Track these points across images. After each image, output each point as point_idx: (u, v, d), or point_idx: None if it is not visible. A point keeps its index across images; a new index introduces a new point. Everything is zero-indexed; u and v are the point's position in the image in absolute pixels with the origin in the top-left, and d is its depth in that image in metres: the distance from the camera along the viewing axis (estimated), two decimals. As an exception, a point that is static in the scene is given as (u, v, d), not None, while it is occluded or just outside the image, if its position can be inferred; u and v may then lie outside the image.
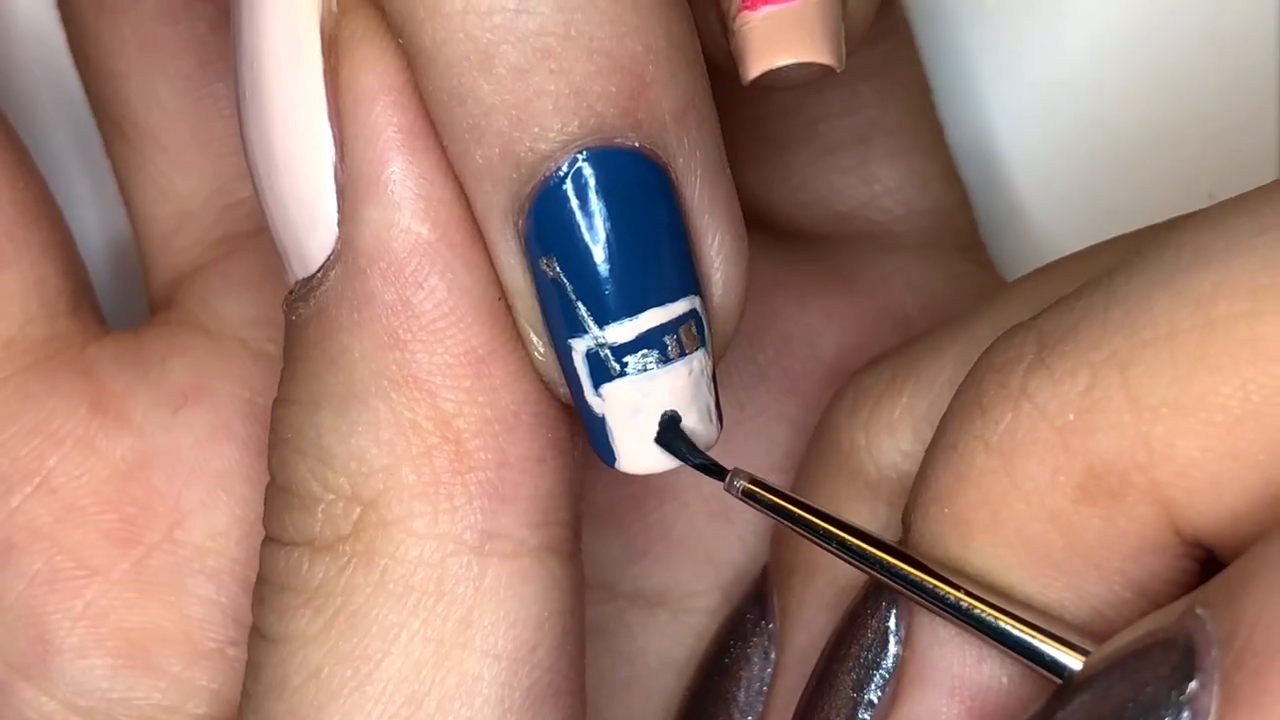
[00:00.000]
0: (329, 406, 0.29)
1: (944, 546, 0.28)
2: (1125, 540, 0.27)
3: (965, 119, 0.40)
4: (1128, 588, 0.27)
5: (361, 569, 0.29)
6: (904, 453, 0.31)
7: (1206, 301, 0.26)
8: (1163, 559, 0.27)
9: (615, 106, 0.27)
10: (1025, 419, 0.27)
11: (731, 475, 0.29)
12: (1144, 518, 0.27)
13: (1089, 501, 0.27)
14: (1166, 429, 0.26)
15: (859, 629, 0.29)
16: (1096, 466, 0.27)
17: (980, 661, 0.28)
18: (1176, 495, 0.26)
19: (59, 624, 0.33)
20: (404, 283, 0.28)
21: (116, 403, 0.34)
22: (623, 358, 0.28)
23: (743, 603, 0.34)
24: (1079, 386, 0.27)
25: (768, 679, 0.33)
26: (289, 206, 0.29)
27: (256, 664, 0.29)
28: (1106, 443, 0.26)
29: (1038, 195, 0.41)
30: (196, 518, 0.34)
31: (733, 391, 0.36)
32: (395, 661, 0.28)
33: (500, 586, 0.29)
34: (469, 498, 0.29)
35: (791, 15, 0.29)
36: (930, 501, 0.28)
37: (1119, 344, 0.26)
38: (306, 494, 0.29)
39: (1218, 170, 0.40)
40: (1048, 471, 0.27)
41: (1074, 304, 0.27)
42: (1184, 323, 0.26)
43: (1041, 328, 0.28)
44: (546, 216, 0.28)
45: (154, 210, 0.36)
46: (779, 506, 0.29)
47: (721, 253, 0.29)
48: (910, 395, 0.31)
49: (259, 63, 0.28)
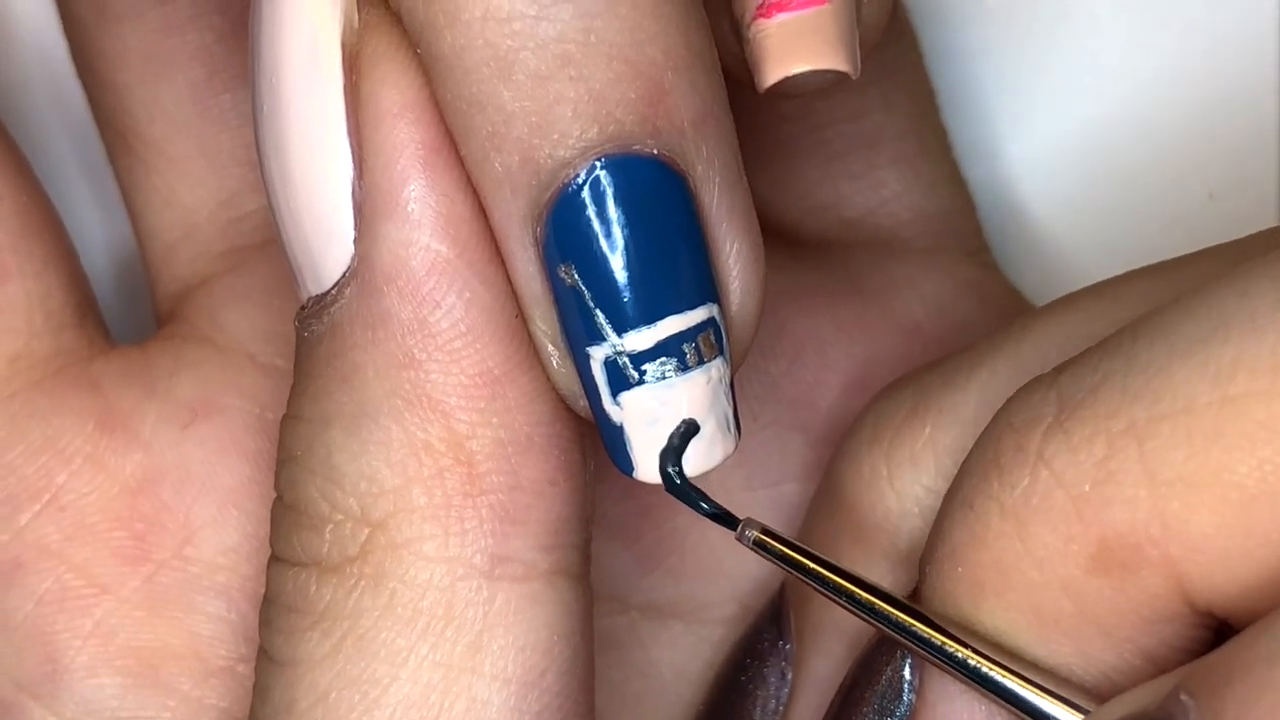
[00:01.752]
0: (340, 425, 0.28)
1: (955, 604, 0.28)
2: (1136, 611, 0.27)
3: (967, 122, 0.40)
4: (1138, 655, 0.27)
5: (370, 591, 0.28)
6: (926, 487, 0.31)
7: (1225, 377, 0.26)
8: (1174, 628, 0.27)
9: (634, 114, 0.27)
10: (1041, 485, 0.27)
11: (743, 525, 0.29)
12: (1156, 590, 0.27)
13: (1101, 572, 0.27)
14: (1181, 505, 0.26)
15: (874, 675, 0.29)
16: (1110, 538, 0.26)
17: (990, 717, 0.28)
18: (1189, 570, 0.26)
19: (68, 643, 0.33)
20: (421, 301, 0.28)
21: (125, 419, 0.34)
22: (641, 366, 0.28)
23: (760, 621, 0.34)
24: (1096, 456, 0.26)
25: (784, 699, 0.33)
26: (304, 222, 0.28)
27: (264, 687, 0.29)
28: (1121, 515, 0.26)
29: (1040, 197, 0.41)
30: (206, 534, 0.34)
31: (745, 402, 0.35)
32: (404, 686, 0.28)
33: (510, 610, 0.28)
34: (480, 521, 0.28)
35: (807, 22, 0.29)
36: (944, 558, 0.28)
37: (1137, 415, 0.26)
38: (315, 513, 0.29)
39: (1218, 170, 0.40)
40: (1061, 540, 0.27)
41: (1095, 364, 0.27)
42: (1202, 397, 0.26)
43: (1061, 388, 0.27)
44: (565, 223, 0.27)
45: (159, 222, 0.36)
46: (790, 558, 0.29)
47: (739, 261, 0.29)
48: (933, 428, 0.31)
49: (278, 77, 0.28)
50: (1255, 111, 0.40)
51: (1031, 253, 0.40)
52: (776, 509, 0.35)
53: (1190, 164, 0.40)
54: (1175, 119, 0.40)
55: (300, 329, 0.29)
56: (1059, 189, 0.41)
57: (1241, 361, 0.26)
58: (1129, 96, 0.40)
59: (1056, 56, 0.40)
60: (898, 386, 0.32)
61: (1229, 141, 0.40)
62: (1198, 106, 0.40)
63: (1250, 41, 0.40)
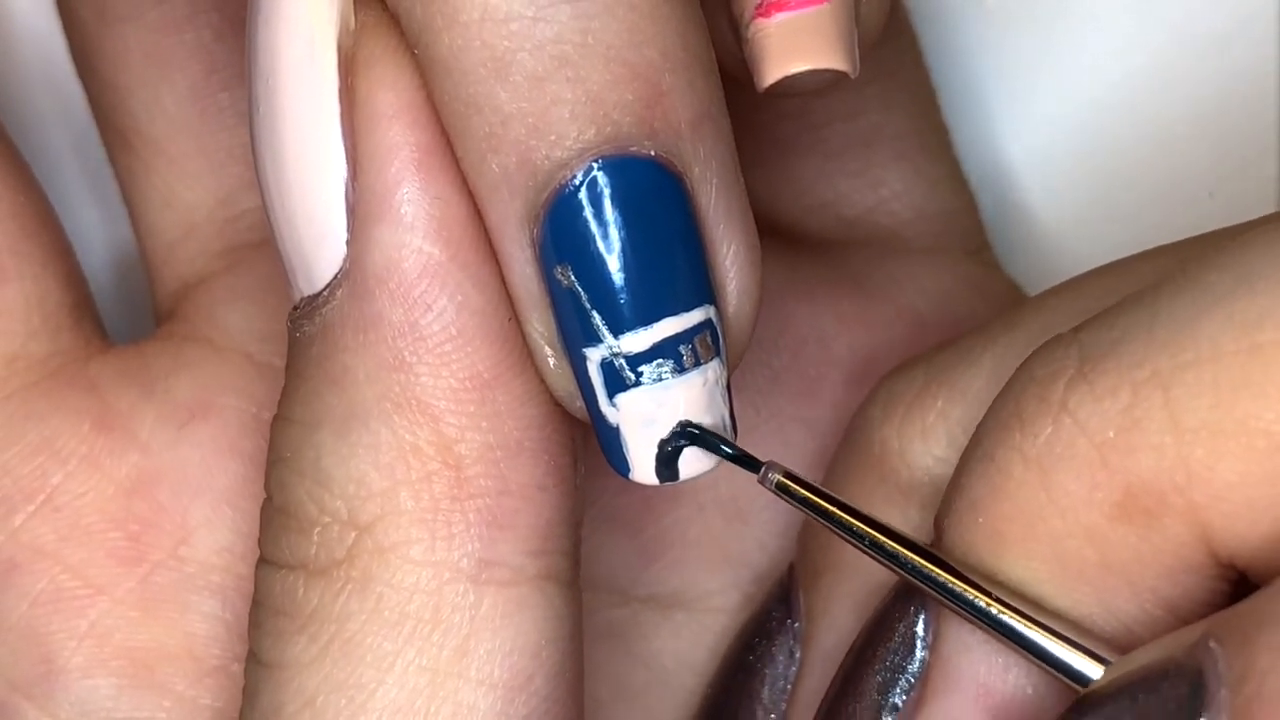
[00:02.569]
0: (329, 427, 0.28)
1: (976, 556, 0.28)
2: (1159, 559, 0.27)
3: (967, 121, 0.40)
4: (1159, 606, 0.27)
5: (357, 595, 0.28)
6: (937, 458, 0.31)
7: (1252, 326, 0.25)
8: (1196, 579, 0.27)
9: (632, 115, 0.27)
10: (1065, 434, 0.27)
11: (766, 468, 0.29)
12: (1179, 538, 0.26)
13: (1125, 520, 0.26)
14: (1206, 452, 0.26)
15: (886, 632, 0.29)
16: (1134, 486, 0.26)
17: (1006, 670, 0.28)
18: (1213, 518, 0.26)
19: (63, 643, 0.33)
20: (412, 304, 0.28)
21: (121, 419, 0.34)
22: (638, 367, 0.28)
23: (768, 601, 0.34)
24: (1120, 404, 0.26)
25: (792, 677, 0.33)
26: (297, 223, 0.28)
27: (252, 689, 0.29)
28: (1146, 462, 0.26)
29: (1040, 196, 0.41)
30: (202, 534, 0.33)
31: (748, 396, 0.35)
32: (390, 691, 0.28)
33: (497, 615, 0.28)
34: (467, 525, 0.28)
35: (806, 22, 0.29)
36: (964, 510, 0.28)
37: (1162, 363, 0.26)
38: (303, 516, 0.28)
39: (1218, 170, 0.40)
40: (1085, 488, 0.27)
41: (1117, 319, 0.27)
42: (1228, 346, 0.25)
43: (1083, 341, 0.27)
44: (562, 224, 0.27)
45: (158, 220, 0.36)
46: (811, 502, 0.28)
47: (736, 262, 0.28)
48: (945, 401, 0.31)
49: (274, 77, 0.28)
50: (1255, 111, 0.40)
51: (1031, 250, 0.40)
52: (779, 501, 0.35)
53: (1190, 162, 0.40)
54: (1175, 117, 0.40)
55: (292, 329, 0.29)
56: (1059, 186, 0.40)
57: (1270, 312, 0.25)
58: (1128, 94, 0.40)
59: (1056, 54, 0.40)
60: (909, 365, 0.32)
61: (1229, 141, 0.40)
62: (1198, 105, 0.40)
63: (1250, 41, 0.40)
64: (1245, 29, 0.40)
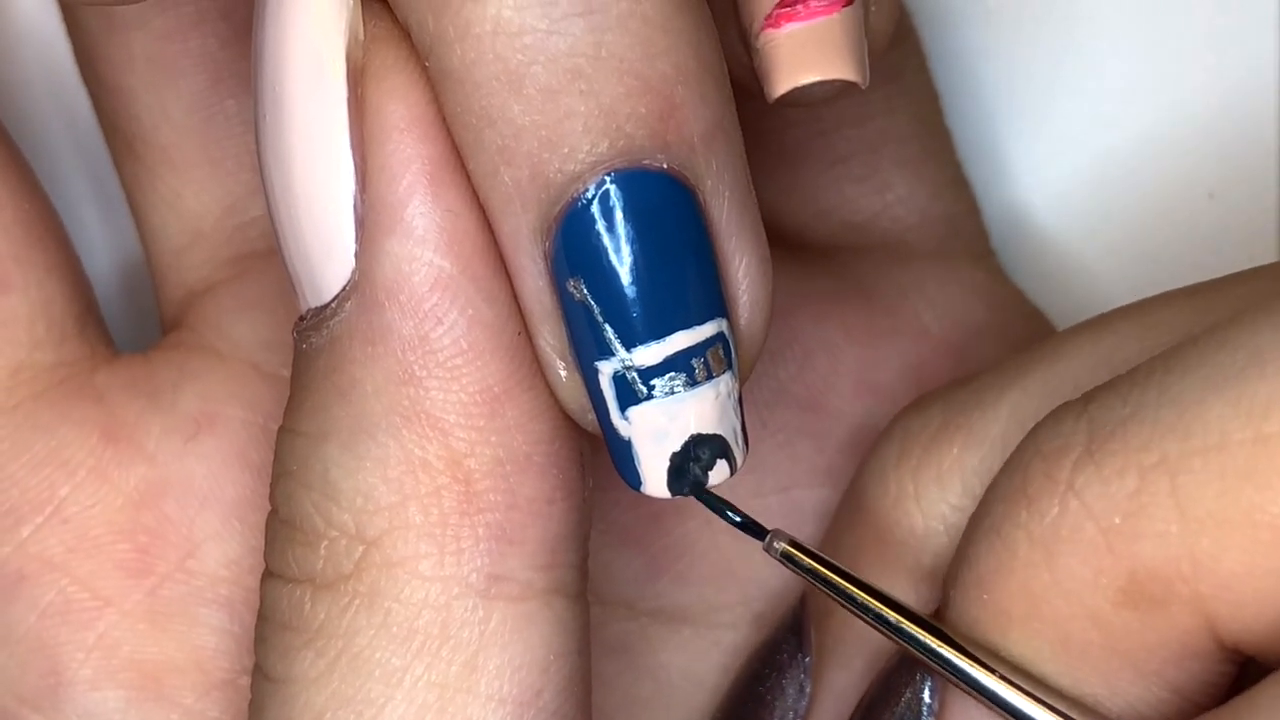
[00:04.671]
0: (337, 440, 0.28)
1: (981, 631, 0.28)
2: (1165, 645, 0.27)
3: (971, 125, 0.40)
4: (1164, 688, 0.27)
5: (364, 610, 0.28)
6: (952, 506, 0.31)
7: (1259, 414, 0.25)
8: (1202, 664, 0.27)
9: (645, 128, 0.27)
10: (1071, 516, 0.27)
11: (771, 536, 0.29)
12: (1185, 626, 0.26)
13: (1130, 606, 0.26)
14: (1212, 542, 0.25)
15: (893, 696, 0.29)
16: (1140, 573, 0.26)
17: None
18: (1219, 608, 0.26)
19: (71, 655, 0.32)
20: (423, 317, 0.27)
21: (129, 431, 0.33)
22: (650, 381, 0.27)
23: (779, 631, 0.33)
24: (1127, 489, 0.26)
25: (802, 711, 0.32)
26: (305, 234, 0.28)
27: (259, 705, 0.29)
28: (1151, 550, 0.26)
29: (1043, 198, 0.40)
30: (210, 546, 0.33)
31: (755, 409, 0.35)
32: (399, 707, 0.28)
33: (505, 630, 0.28)
34: (476, 540, 0.28)
35: (816, 32, 0.29)
36: (970, 584, 0.28)
37: (1169, 448, 0.26)
38: (310, 529, 0.28)
39: (1218, 170, 0.40)
40: (1090, 572, 0.26)
41: (1126, 394, 0.27)
42: (1235, 434, 0.25)
43: (1092, 415, 0.27)
44: (574, 238, 0.27)
45: (164, 228, 0.35)
46: (817, 572, 0.29)
47: (748, 275, 0.28)
48: (961, 448, 0.31)
49: (281, 87, 0.27)
50: (1255, 111, 0.40)
51: (1035, 254, 0.40)
52: (786, 514, 0.35)
53: (1190, 164, 0.40)
54: (1176, 119, 0.40)
55: (298, 341, 0.28)
56: (1062, 190, 0.40)
57: (1276, 398, 0.25)
58: (1131, 98, 0.40)
59: (1059, 58, 0.40)
60: (926, 402, 0.32)
61: (1229, 141, 0.40)
62: (1198, 106, 0.39)
63: (1250, 42, 0.39)
64: (1245, 30, 0.39)
